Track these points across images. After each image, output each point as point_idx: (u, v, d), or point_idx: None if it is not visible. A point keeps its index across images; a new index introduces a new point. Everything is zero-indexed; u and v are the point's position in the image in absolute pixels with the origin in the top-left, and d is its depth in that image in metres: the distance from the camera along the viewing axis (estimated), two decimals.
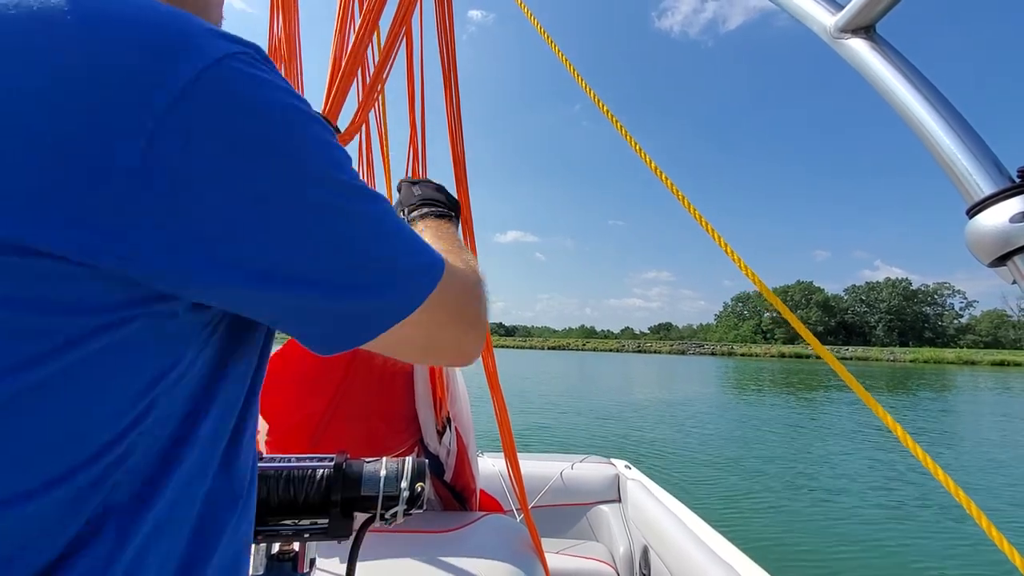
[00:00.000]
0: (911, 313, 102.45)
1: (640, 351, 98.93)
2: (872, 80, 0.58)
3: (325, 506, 0.64)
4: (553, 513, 2.28)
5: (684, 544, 1.71)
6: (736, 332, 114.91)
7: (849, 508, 5.92)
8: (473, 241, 1.20)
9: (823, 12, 0.63)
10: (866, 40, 0.59)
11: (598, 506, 2.33)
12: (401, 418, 1.24)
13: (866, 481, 7.20)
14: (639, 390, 20.18)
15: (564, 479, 2.37)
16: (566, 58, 0.96)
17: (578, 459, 2.54)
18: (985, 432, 11.84)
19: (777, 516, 5.62)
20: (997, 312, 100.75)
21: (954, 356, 72.92)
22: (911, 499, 6.29)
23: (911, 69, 0.55)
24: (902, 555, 4.54)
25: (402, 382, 1.22)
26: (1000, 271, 0.46)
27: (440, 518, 1.19)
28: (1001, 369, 55.93)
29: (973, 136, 0.50)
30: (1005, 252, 0.44)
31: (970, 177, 0.48)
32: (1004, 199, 0.45)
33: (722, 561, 1.56)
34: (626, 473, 2.44)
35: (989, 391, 24.14)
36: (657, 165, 0.82)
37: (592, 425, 11.05)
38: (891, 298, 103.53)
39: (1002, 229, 0.44)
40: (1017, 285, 0.45)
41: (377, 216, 0.40)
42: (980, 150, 0.49)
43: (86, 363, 0.31)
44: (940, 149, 0.51)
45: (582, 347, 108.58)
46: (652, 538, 1.95)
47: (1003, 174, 0.47)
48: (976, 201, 0.47)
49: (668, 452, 8.44)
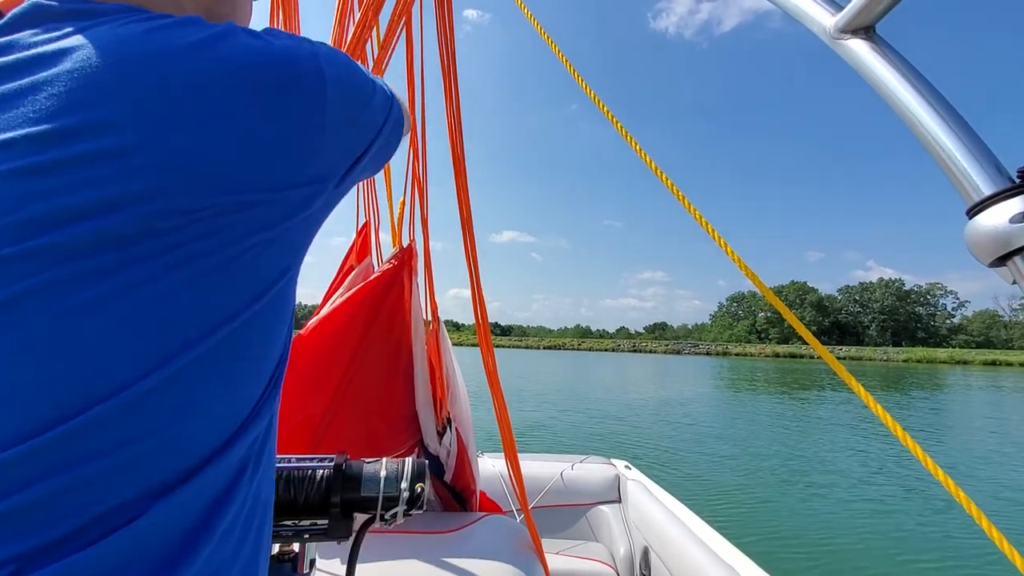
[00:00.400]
0: (904, 313, 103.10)
1: (636, 351, 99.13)
2: (872, 81, 0.58)
3: (325, 507, 0.64)
4: (553, 513, 2.28)
5: (684, 545, 1.71)
6: (731, 332, 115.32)
7: (843, 502, 6.00)
8: (473, 241, 1.19)
9: (823, 12, 0.63)
10: (866, 41, 0.59)
11: (598, 506, 2.33)
12: (401, 419, 1.24)
13: (858, 475, 7.31)
14: (637, 389, 20.25)
15: (564, 479, 2.36)
16: (565, 58, 0.96)
17: (578, 459, 2.54)
18: (975, 429, 11.98)
19: (771, 511, 5.67)
20: (989, 312, 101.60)
21: (946, 356, 73.46)
22: (903, 494, 6.38)
23: (911, 70, 0.55)
24: (896, 550, 4.59)
25: (402, 383, 1.22)
26: (1000, 271, 0.46)
27: (440, 519, 1.19)
28: (993, 369, 56.46)
29: (973, 137, 0.50)
30: (1005, 252, 0.44)
31: (970, 178, 0.48)
32: (1004, 199, 0.45)
33: (722, 562, 1.56)
34: (626, 473, 2.44)
35: (980, 390, 24.34)
36: (657, 165, 0.82)
37: (590, 424, 11.10)
38: (884, 298, 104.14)
39: (1002, 229, 0.44)
40: (1017, 285, 0.45)
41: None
42: (980, 151, 0.49)
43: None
44: (940, 150, 0.51)
45: (578, 347, 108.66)
46: (652, 539, 1.95)
47: (1003, 174, 0.47)
48: (976, 202, 0.47)
49: (665, 449, 8.49)
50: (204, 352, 0.36)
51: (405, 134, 0.68)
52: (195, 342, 0.36)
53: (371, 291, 1.16)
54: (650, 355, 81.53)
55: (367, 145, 0.50)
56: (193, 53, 0.36)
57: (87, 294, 0.32)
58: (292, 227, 0.42)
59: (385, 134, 0.53)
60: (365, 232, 1.40)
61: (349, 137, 0.46)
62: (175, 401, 0.35)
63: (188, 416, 0.36)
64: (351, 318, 1.14)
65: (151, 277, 0.33)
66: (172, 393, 0.35)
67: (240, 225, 0.37)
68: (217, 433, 0.38)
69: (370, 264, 1.33)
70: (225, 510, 0.38)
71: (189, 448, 0.36)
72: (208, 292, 0.36)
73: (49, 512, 0.31)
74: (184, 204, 0.34)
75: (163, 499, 0.34)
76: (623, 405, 14.68)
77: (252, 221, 0.38)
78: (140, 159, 0.33)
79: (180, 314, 0.35)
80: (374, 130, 0.51)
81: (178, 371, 0.35)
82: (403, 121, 0.59)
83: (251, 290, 0.39)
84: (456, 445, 1.27)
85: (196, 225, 0.35)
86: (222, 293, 0.37)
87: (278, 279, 0.42)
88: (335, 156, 0.45)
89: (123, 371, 0.33)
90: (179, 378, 0.35)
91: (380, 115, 0.51)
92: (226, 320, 0.37)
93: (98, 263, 0.32)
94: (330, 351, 1.13)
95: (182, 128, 0.34)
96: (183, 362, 0.35)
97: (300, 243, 0.45)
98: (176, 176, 0.34)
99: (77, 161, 0.32)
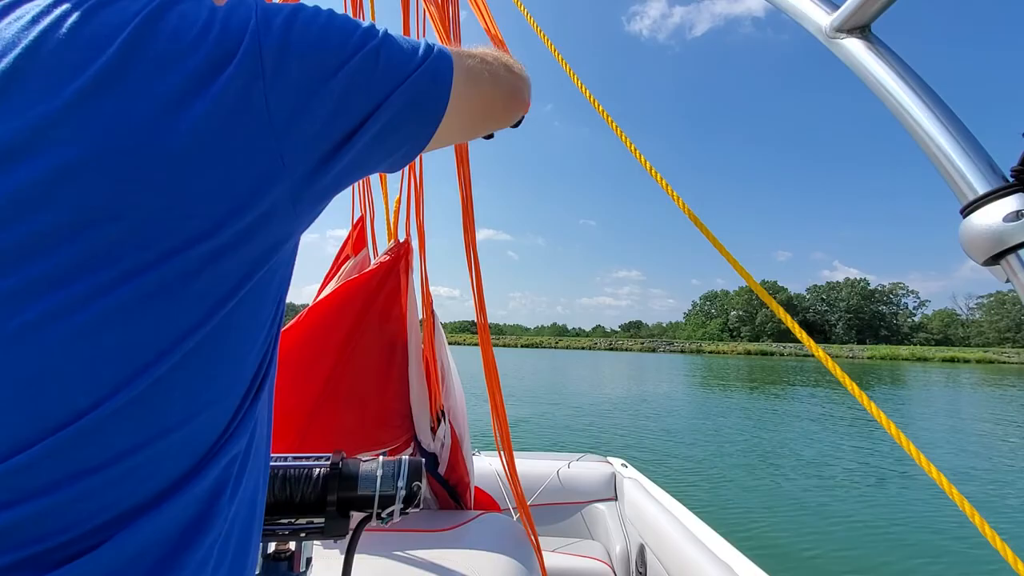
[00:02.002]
0: (869, 312, 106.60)
1: (612, 349, 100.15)
2: (867, 80, 0.58)
3: (321, 505, 0.63)
4: (550, 511, 2.28)
5: (680, 542, 1.71)
6: (704, 330, 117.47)
7: (838, 498, 6.07)
8: (474, 237, 1.18)
9: (818, 12, 0.63)
10: (861, 40, 0.58)
11: (594, 504, 2.33)
12: (395, 413, 1.22)
13: (846, 469, 7.45)
14: (619, 386, 20.46)
15: (560, 477, 2.36)
16: (564, 58, 0.96)
17: (574, 457, 2.54)
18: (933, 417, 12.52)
19: (748, 498, 5.78)
20: (947, 311, 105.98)
21: (908, 353, 76.20)
22: (895, 489, 6.49)
23: (906, 69, 0.56)
24: (891, 544, 4.67)
25: (397, 377, 1.21)
26: (994, 270, 0.46)
27: (436, 517, 1.18)
28: (951, 365, 58.83)
29: (967, 136, 0.50)
30: (999, 251, 0.45)
31: (964, 176, 0.48)
32: (998, 198, 0.45)
33: (718, 559, 1.57)
34: (622, 471, 2.45)
35: (939, 386, 25.34)
36: (652, 165, 0.82)
37: (577, 420, 11.15)
38: (850, 297, 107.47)
39: (996, 228, 0.45)
40: (1011, 283, 0.45)
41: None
42: (974, 150, 0.49)
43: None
44: (934, 149, 0.51)
45: (555, 345, 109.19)
46: (648, 536, 1.95)
47: (997, 173, 0.47)
48: (970, 200, 0.47)
49: (654, 449, 8.57)
50: (165, 373, 0.33)
51: (517, 109, 0.61)
52: (153, 363, 0.33)
53: (364, 283, 1.15)
54: (627, 353, 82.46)
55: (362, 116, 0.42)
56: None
57: (28, 317, 0.30)
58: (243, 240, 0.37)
59: (408, 94, 0.44)
60: (361, 225, 1.39)
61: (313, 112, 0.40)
62: (134, 427, 0.33)
63: (151, 441, 0.33)
64: (342, 309, 1.13)
65: (95, 299, 0.31)
66: (133, 418, 0.32)
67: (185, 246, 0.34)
68: (186, 456, 0.35)
69: (366, 256, 1.32)
70: (200, 538, 0.35)
71: (153, 474, 0.34)
72: (159, 311, 0.33)
73: (2, 543, 0.29)
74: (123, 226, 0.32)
75: (126, 529, 0.32)
76: (608, 401, 14.81)
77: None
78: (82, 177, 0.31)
79: (132, 335, 0.32)
80: (375, 93, 0.43)
81: (139, 395, 0.32)
82: (469, 77, 0.51)
83: (206, 305, 0.36)
84: (450, 437, 1.27)
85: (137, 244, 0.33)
86: (175, 311, 0.34)
87: (238, 288, 0.38)
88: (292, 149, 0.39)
89: (78, 398, 0.31)
90: (140, 401, 0.33)
91: (391, 71, 0.44)
92: (183, 337, 0.34)
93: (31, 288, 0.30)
94: (320, 340, 1.11)
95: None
96: (143, 385, 0.33)
97: (265, 247, 0.39)
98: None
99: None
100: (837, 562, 4.24)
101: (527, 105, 0.63)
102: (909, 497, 6.05)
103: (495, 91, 0.57)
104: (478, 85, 0.53)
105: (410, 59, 0.46)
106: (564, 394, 16.47)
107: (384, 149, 0.46)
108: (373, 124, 0.43)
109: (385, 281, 1.17)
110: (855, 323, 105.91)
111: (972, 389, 24.07)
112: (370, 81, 0.43)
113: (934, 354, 73.55)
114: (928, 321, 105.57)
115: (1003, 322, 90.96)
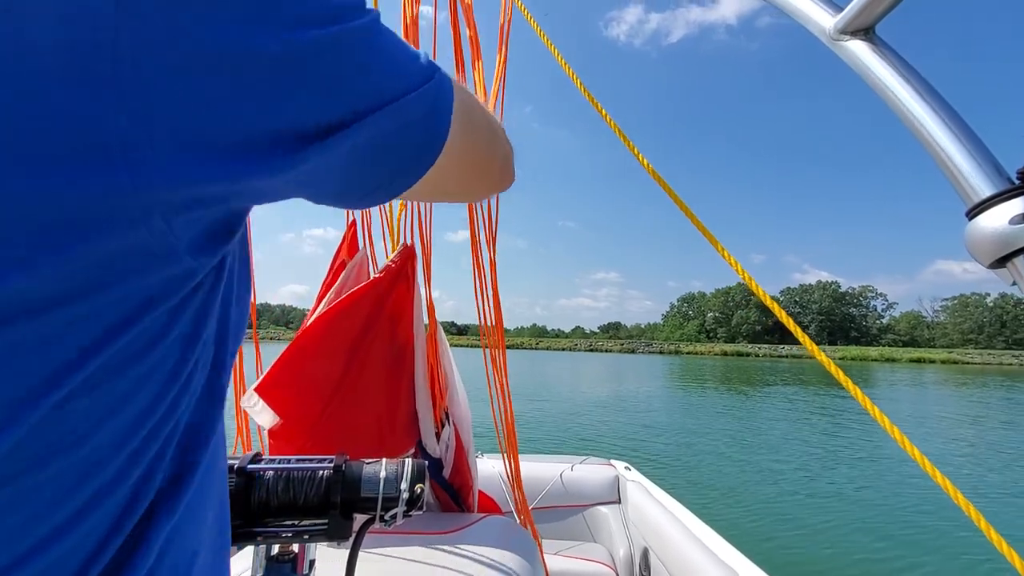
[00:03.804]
0: (839, 314, 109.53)
1: (592, 350, 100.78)
2: (871, 82, 0.58)
3: (325, 507, 0.62)
4: (553, 514, 2.27)
5: (684, 546, 1.71)
6: (682, 332, 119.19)
7: (838, 498, 6.13)
8: (494, 240, 1.18)
9: (822, 14, 0.62)
10: (866, 42, 0.58)
11: (598, 507, 2.33)
12: (403, 419, 1.22)
13: (848, 473, 7.53)
14: (602, 386, 20.59)
15: (563, 480, 2.35)
16: (564, 58, 0.95)
17: (578, 460, 2.53)
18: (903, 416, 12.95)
19: (749, 497, 5.83)
20: (914, 314, 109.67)
21: (877, 354, 78.58)
22: (899, 494, 6.50)
23: (911, 71, 0.55)
24: (895, 546, 4.71)
25: (406, 384, 1.20)
26: (1000, 273, 0.46)
27: (440, 519, 1.18)
28: (917, 366, 60.83)
29: (973, 138, 0.50)
30: (1005, 254, 0.44)
31: (970, 179, 0.48)
32: (1004, 201, 0.45)
33: (722, 563, 1.56)
34: (626, 475, 2.44)
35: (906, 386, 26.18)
36: (655, 169, 0.82)
37: (566, 421, 11.19)
38: (822, 300, 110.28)
39: (1002, 231, 0.44)
40: (1017, 286, 0.45)
41: None
42: (980, 152, 0.49)
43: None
44: (940, 151, 0.51)
45: (535, 346, 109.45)
46: (652, 540, 1.95)
47: (1002, 176, 0.47)
48: (976, 203, 0.47)
49: (651, 443, 8.64)
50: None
51: (509, 177, 0.52)
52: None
53: (373, 289, 1.14)
54: (606, 354, 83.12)
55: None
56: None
57: None
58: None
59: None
60: (354, 229, 1.37)
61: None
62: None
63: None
64: (353, 316, 1.12)
65: None
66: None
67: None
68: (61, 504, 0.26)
69: (365, 259, 1.30)
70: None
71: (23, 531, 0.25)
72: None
73: None
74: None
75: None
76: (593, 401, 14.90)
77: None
78: None
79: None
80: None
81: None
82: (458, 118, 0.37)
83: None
84: (454, 440, 1.26)
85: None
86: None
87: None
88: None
89: None
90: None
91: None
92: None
93: None
94: (331, 348, 1.10)
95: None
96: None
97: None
98: None
99: None
100: (844, 567, 4.24)
101: (514, 177, 0.56)
102: (910, 498, 6.09)
103: (494, 147, 0.48)
104: (475, 132, 0.43)
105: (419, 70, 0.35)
106: (551, 396, 16.50)
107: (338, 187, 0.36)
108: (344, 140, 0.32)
109: (394, 285, 1.16)
110: (827, 325, 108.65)
111: (936, 388, 24.93)
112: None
113: (902, 355, 76.02)
114: (896, 323, 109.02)
115: (966, 324, 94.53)
